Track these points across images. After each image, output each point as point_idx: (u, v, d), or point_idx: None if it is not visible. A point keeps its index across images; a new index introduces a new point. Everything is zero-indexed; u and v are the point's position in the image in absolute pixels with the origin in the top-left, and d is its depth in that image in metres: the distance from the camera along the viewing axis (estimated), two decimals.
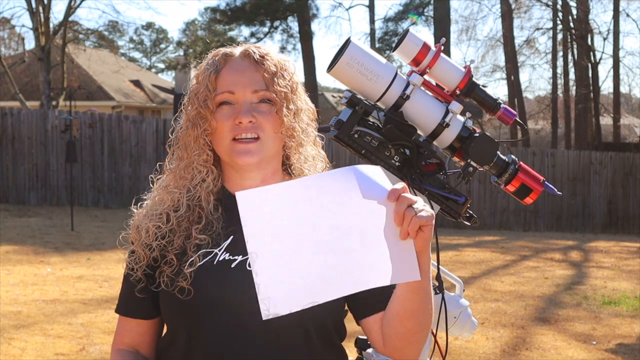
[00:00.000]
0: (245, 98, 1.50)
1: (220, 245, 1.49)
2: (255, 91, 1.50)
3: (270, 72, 1.50)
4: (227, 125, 1.49)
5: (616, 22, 24.99)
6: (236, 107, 1.50)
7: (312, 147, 1.60)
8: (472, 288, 7.97)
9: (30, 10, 21.50)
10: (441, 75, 2.04)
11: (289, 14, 24.84)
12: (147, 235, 1.51)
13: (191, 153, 1.52)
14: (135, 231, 1.54)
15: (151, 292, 1.52)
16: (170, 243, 1.49)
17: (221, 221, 1.51)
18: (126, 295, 1.58)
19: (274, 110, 1.50)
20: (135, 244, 1.53)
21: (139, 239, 1.53)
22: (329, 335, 1.53)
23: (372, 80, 1.96)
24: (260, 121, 1.49)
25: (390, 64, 2.00)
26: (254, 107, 1.50)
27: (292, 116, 1.52)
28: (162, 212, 1.52)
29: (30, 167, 14.26)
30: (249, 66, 1.51)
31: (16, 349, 5.14)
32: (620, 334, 6.19)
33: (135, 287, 1.52)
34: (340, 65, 1.95)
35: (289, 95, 1.52)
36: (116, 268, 8.16)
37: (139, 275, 1.51)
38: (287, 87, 1.52)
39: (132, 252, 1.54)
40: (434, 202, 2.04)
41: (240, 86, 1.50)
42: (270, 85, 1.50)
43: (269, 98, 1.50)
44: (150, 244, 1.51)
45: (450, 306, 2.08)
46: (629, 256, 11.45)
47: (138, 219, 1.56)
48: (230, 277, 1.45)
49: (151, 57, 50.87)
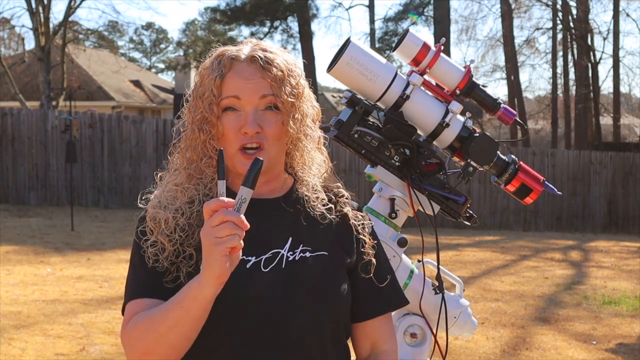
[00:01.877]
0: (252, 104, 1.47)
1: None
2: (262, 97, 1.47)
3: (277, 79, 1.48)
4: (233, 132, 1.47)
5: (616, 22, 24.99)
6: (242, 115, 1.47)
7: (315, 151, 1.58)
8: (472, 288, 7.97)
9: (30, 10, 21.49)
10: (441, 75, 2.04)
11: (289, 14, 24.83)
12: (166, 225, 1.47)
13: (198, 156, 1.51)
14: (154, 222, 1.48)
15: (178, 284, 1.44)
16: (188, 237, 1.46)
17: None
18: (147, 281, 1.47)
19: (280, 120, 1.48)
20: (156, 234, 1.47)
21: (159, 229, 1.47)
22: (338, 335, 1.53)
23: (372, 80, 1.96)
24: (265, 131, 1.47)
25: (390, 64, 2.00)
26: (260, 115, 1.48)
27: (297, 126, 1.50)
28: (178, 205, 1.49)
29: (30, 167, 14.25)
30: (256, 72, 1.48)
31: (16, 349, 5.14)
32: (620, 334, 6.19)
33: (161, 275, 1.44)
34: (340, 65, 1.95)
35: (295, 104, 1.50)
36: (116, 268, 8.15)
37: (165, 265, 1.45)
38: (294, 94, 1.50)
39: (154, 243, 1.46)
40: (434, 202, 2.04)
41: (246, 92, 1.47)
42: (277, 92, 1.48)
43: (276, 105, 1.48)
44: (171, 235, 1.46)
45: (450, 306, 2.09)
46: (629, 256, 11.45)
47: (153, 211, 1.50)
48: (245, 279, 1.44)
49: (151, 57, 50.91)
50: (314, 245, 1.51)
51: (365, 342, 1.59)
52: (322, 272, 1.48)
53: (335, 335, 1.51)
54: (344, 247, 1.55)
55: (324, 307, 1.47)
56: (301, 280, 1.46)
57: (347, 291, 1.51)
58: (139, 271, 1.48)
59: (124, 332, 1.44)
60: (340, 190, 1.62)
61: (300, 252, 1.49)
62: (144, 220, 1.51)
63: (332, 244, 1.53)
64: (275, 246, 1.48)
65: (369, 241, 1.57)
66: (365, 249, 1.56)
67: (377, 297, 1.57)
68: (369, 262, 1.55)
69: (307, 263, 1.48)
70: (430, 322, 2.04)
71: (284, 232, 1.51)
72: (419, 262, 2.12)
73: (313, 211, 1.54)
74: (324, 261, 1.50)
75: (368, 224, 1.60)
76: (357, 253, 1.56)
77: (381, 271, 1.58)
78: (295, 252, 1.49)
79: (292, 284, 1.45)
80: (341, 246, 1.54)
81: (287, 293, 1.44)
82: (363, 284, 1.55)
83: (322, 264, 1.49)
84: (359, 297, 1.55)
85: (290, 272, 1.46)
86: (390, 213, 2.04)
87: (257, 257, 1.46)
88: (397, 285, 1.63)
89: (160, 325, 1.36)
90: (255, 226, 1.49)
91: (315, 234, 1.52)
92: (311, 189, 1.56)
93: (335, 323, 1.51)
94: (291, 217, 1.53)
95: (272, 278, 1.45)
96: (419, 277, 2.05)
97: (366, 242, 1.57)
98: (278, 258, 1.47)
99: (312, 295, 1.46)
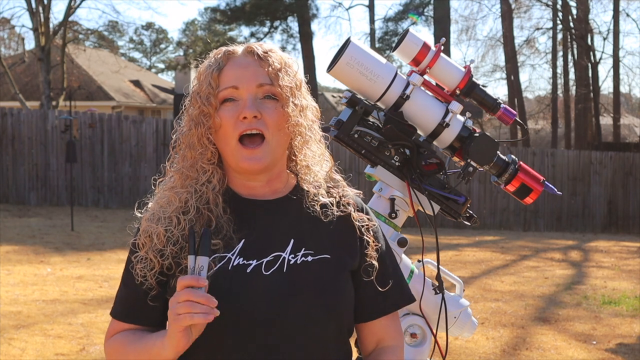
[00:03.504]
0: (250, 93, 1.46)
1: (232, 249, 1.45)
2: (260, 85, 1.46)
3: (274, 68, 1.47)
4: (232, 122, 1.45)
5: (616, 22, 24.99)
6: (240, 103, 1.46)
7: (317, 146, 1.56)
8: (472, 288, 7.97)
9: (30, 10, 21.47)
10: (441, 75, 2.04)
11: (289, 14, 24.82)
12: (158, 240, 1.46)
13: (195, 152, 1.49)
14: (145, 236, 1.48)
15: (163, 301, 1.46)
16: (182, 249, 1.45)
17: (232, 224, 1.47)
18: (129, 301, 1.51)
19: (279, 106, 1.47)
20: (146, 250, 1.46)
21: (150, 244, 1.46)
22: (341, 336, 1.52)
23: (372, 80, 1.96)
24: (265, 117, 1.45)
25: (390, 64, 2.00)
26: (259, 103, 1.46)
27: (298, 111, 1.48)
28: (171, 215, 1.47)
29: (30, 167, 14.25)
30: (253, 62, 1.48)
31: (16, 349, 5.13)
32: (620, 334, 6.19)
33: (146, 294, 1.46)
34: (340, 65, 1.95)
35: (294, 90, 1.49)
36: (116, 268, 8.15)
37: (152, 283, 1.45)
38: (292, 82, 1.49)
39: (143, 259, 1.46)
40: (434, 202, 2.04)
41: (244, 80, 1.46)
42: (275, 80, 1.47)
43: (274, 93, 1.47)
44: (163, 250, 1.45)
45: (450, 306, 2.08)
46: (629, 256, 11.45)
47: (146, 224, 1.49)
48: (246, 283, 1.43)
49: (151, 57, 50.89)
50: (317, 247, 1.48)
51: (371, 340, 1.58)
52: (324, 276, 1.46)
53: (338, 336, 1.50)
54: (347, 249, 1.52)
55: (326, 311, 1.45)
56: (303, 284, 1.44)
57: (349, 294, 1.50)
58: (126, 288, 1.53)
59: (106, 344, 1.54)
60: (345, 190, 1.60)
61: (302, 255, 1.47)
62: (138, 232, 1.51)
63: (335, 246, 1.51)
64: (277, 249, 1.47)
65: (372, 243, 1.54)
66: (369, 251, 1.54)
67: (381, 298, 1.55)
68: (371, 265, 1.53)
69: (309, 267, 1.46)
70: (430, 322, 2.04)
71: (286, 234, 1.49)
72: (419, 262, 2.11)
73: (315, 211, 1.52)
74: (326, 264, 1.48)
75: (372, 225, 1.57)
76: (360, 255, 1.53)
77: (385, 274, 1.56)
78: (297, 255, 1.46)
79: (294, 288, 1.43)
80: (344, 248, 1.52)
81: (288, 297, 1.43)
82: (366, 285, 1.53)
83: (324, 268, 1.47)
84: (363, 299, 1.53)
85: (291, 275, 1.44)
86: (390, 213, 2.04)
87: (259, 260, 1.45)
88: (403, 283, 1.61)
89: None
90: (257, 228, 1.49)
91: (318, 236, 1.50)
92: (313, 188, 1.54)
93: (338, 325, 1.49)
94: (293, 219, 1.51)
95: (273, 281, 1.43)
96: (419, 277, 2.05)
97: (370, 243, 1.54)
98: (279, 261, 1.45)
99: (313, 299, 1.44)
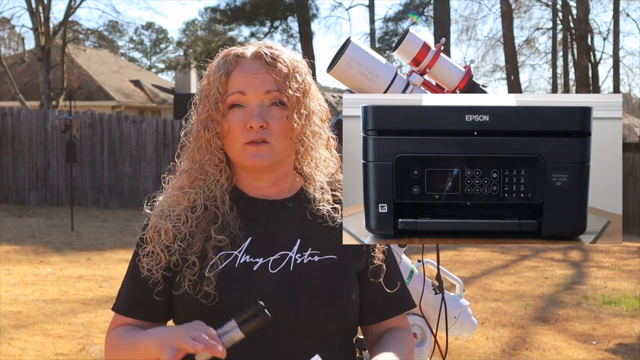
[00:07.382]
0: (257, 100, 1.47)
1: (239, 247, 1.46)
2: (267, 92, 1.47)
3: (282, 75, 1.47)
4: (239, 129, 1.46)
5: (616, 22, 24.99)
6: (247, 111, 1.47)
7: (323, 150, 1.57)
8: (472, 288, 7.97)
9: (30, 10, 21.48)
10: (441, 75, 2.04)
11: (289, 14, 24.85)
12: (166, 236, 1.47)
13: (204, 156, 1.50)
14: (154, 231, 1.49)
15: (169, 296, 1.48)
16: (190, 246, 1.46)
17: (238, 222, 1.48)
18: (134, 294, 1.52)
19: (285, 115, 1.47)
20: (154, 245, 1.48)
21: (157, 239, 1.48)
22: (345, 336, 1.52)
23: (372, 80, 1.96)
24: (271, 126, 1.46)
25: (390, 64, 2.00)
26: (266, 110, 1.47)
27: (302, 121, 1.49)
28: (179, 213, 1.49)
29: (30, 167, 14.26)
30: (261, 68, 1.48)
31: (16, 349, 5.14)
32: (620, 334, 6.19)
33: (151, 288, 1.48)
34: (340, 65, 1.95)
35: (300, 100, 1.49)
36: (116, 268, 8.15)
37: (157, 277, 1.47)
38: (300, 90, 1.49)
39: (150, 253, 1.48)
40: None
41: (251, 87, 1.47)
42: (282, 88, 1.47)
43: (281, 100, 1.47)
44: (171, 245, 1.47)
45: (450, 306, 2.08)
46: (629, 256, 11.45)
47: (155, 220, 1.51)
48: (253, 280, 1.43)
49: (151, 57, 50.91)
50: (323, 248, 1.49)
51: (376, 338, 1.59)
52: (330, 276, 1.47)
53: (342, 336, 1.51)
54: (354, 250, 1.53)
55: (331, 311, 1.46)
56: (309, 284, 1.45)
57: (355, 295, 1.50)
58: (131, 281, 1.53)
59: (107, 337, 1.53)
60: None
61: (308, 255, 1.48)
62: (146, 228, 1.52)
63: (342, 247, 1.51)
64: (284, 248, 1.47)
65: (379, 245, 1.56)
66: (376, 252, 1.54)
67: (387, 301, 1.56)
68: (379, 267, 1.54)
69: (316, 266, 1.47)
70: (430, 322, 2.04)
71: (293, 233, 1.50)
72: (419, 262, 2.11)
73: (322, 213, 1.52)
74: (333, 265, 1.48)
75: None
76: (366, 257, 1.54)
77: (391, 276, 1.57)
78: (304, 255, 1.47)
79: (300, 287, 1.44)
80: (351, 250, 1.52)
81: (294, 295, 1.43)
82: (373, 288, 1.54)
83: (330, 268, 1.48)
84: (368, 301, 1.54)
85: (298, 274, 1.45)
86: None
87: (265, 258, 1.46)
88: (405, 288, 1.62)
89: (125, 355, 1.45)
90: (263, 227, 1.49)
91: (325, 237, 1.51)
92: (319, 189, 1.55)
93: (343, 326, 1.50)
94: (300, 219, 1.52)
95: (280, 280, 1.44)
96: (419, 277, 2.05)
97: (376, 245, 1.55)
98: (286, 260, 1.46)
99: (319, 299, 1.44)
